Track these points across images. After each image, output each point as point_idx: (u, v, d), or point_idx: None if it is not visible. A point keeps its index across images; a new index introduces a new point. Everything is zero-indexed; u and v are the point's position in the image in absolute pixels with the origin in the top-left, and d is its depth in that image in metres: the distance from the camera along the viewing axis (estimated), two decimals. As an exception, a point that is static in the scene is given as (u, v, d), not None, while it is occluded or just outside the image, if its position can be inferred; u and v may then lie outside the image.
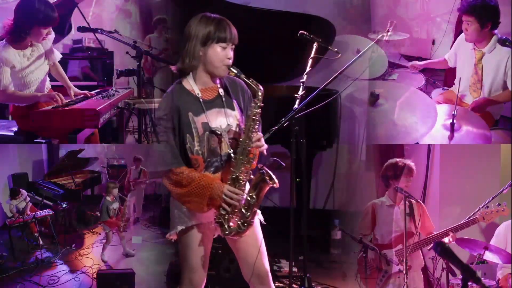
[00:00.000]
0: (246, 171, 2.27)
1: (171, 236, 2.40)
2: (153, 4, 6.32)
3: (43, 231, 4.99)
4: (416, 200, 3.43)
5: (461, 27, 3.59)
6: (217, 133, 2.27)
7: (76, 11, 4.21)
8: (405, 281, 3.25)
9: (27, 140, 3.27)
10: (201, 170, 2.28)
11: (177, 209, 2.37)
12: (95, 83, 4.78)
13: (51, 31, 3.20)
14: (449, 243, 3.33)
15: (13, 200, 4.84)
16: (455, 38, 4.00)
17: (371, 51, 4.07)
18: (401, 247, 3.39)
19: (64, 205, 5.11)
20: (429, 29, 5.40)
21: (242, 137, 2.27)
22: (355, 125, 4.17)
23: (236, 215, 2.27)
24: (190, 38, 2.24)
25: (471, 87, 3.55)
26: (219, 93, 2.33)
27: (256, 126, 2.26)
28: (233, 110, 2.34)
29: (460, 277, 2.80)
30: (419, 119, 3.07)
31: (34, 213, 4.77)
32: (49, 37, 3.29)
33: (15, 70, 3.10)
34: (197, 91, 2.29)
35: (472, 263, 3.40)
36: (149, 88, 4.87)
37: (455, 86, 3.73)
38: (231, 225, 2.27)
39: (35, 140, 3.26)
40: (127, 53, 4.03)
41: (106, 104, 3.19)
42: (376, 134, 3.07)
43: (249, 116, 2.26)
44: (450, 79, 4.20)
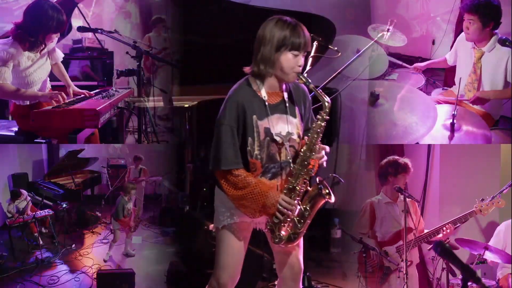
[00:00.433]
0: (303, 182, 2.26)
1: (213, 228, 2.42)
2: (153, 4, 6.32)
3: (43, 231, 5.00)
4: (412, 198, 3.44)
5: (461, 27, 3.59)
6: (277, 140, 2.24)
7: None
8: (405, 280, 3.25)
9: (27, 140, 3.26)
10: (258, 174, 2.26)
11: (221, 204, 2.37)
12: (95, 83, 4.78)
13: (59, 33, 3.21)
14: (447, 234, 3.35)
15: (13, 201, 4.84)
16: (455, 38, 4.01)
17: (371, 50, 4.07)
18: (401, 243, 3.40)
19: (64, 205, 5.12)
20: (429, 29, 5.40)
21: (303, 148, 2.25)
22: (355, 125, 4.17)
23: (288, 224, 2.27)
24: (265, 42, 2.20)
25: (467, 87, 3.55)
26: (283, 98, 2.29)
27: (319, 139, 2.25)
28: (294, 117, 2.30)
29: (460, 277, 2.80)
30: (419, 119, 3.06)
31: (34, 213, 4.78)
32: (55, 53, 3.34)
33: (19, 69, 3.11)
34: (264, 94, 2.25)
35: (472, 263, 3.41)
36: (149, 87, 4.88)
37: (455, 86, 3.73)
38: (283, 233, 2.27)
39: (35, 140, 3.25)
40: (127, 53, 4.02)
41: (106, 104, 3.18)
42: (376, 134, 3.06)
43: (314, 128, 2.24)
44: (450, 79, 4.20)
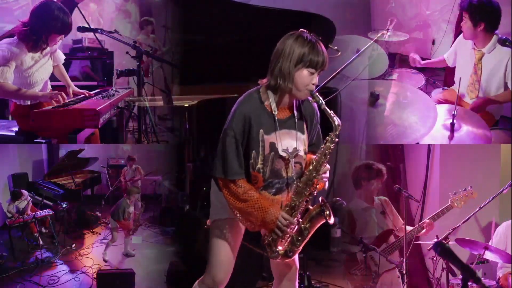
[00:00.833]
0: (305, 201, 2.26)
1: (208, 222, 2.44)
2: (153, 4, 6.33)
3: (43, 231, 5.00)
4: (412, 198, 3.46)
5: (461, 28, 3.59)
6: (283, 156, 2.23)
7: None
8: (405, 280, 3.25)
9: (27, 140, 3.26)
10: (259, 187, 2.26)
11: (217, 200, 2.38)
12: (95, 83, 4.78)
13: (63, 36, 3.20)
14: (429, 230, 3.37)
15: (14, 201, 4.84)
16: (455, 38, 4.00)
17: (371, 50, 4.07)
18: (385, 246, 3.45)
19: (64, 205, 5.11)
20: (429, 29, 5.40)
21: (309, 167, 2.25)
22: (355, 124, 4.17)
23: (285, 240, 2.28)
24: (284, 56, 2.18)
25: (469, 87, 3.55)
26: (293, 113, 2.28)
27: (326, 161, 2.24)
28: (303, 133, 2.29)
29: (460, 277, 2.80)
30: (419, 119, 3.06)
31: (34, 213, 4.78)
32: (57, 56, 3.36)
33: (22, 68, 3.11)
34: (274, 108, 2.22)
35: (472, 263, 3.41)
36: (149, 87, 4.88)
37: (455, 85, 3.73)
38: (279, 249, 2.28)
39: (35, 140, 3.25)
40: (127, 53, 4.02)
41: (106, 104, 3.18)
42: (376, 134, 3.06)
43: (322, 149, 2.23)
44: (450, 79, 4.20)
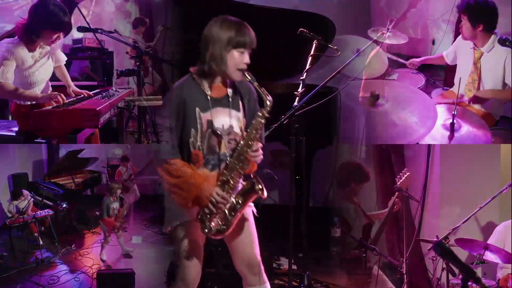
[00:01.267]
0: (238, 176, 2.29)
1: (166, 229, 2.43)
2: (153, 3, 6.33)
3: (43, 231, 4.99)
4: (412, 198, 3.47)
5: (460, 28, 3.59)
6: (217, 133, 2.30)
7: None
8: (405, 280, 3.26)
9: (27, 140, 3.27)
10: (200, 165, 2.30)
11: (171, 205, 2.39)
12: (95, 83, 4.78)
13: (61, 35, 3.18)
14: (399, 207, 3.39)
15: (14, 200, 4.84)
16: (455, 38, 4.01)
17: (371, 50, 4.07)
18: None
19: (64, 205, 5.11)
20: (429, 29, 5.40)
21: (241, 142, 2.29)
22: (355, 124, 4.17)
23: (219, 216, 2.30)
24: (213, 41, 2.25)
25: (467, 86, 3.55)
26: (227, 93, 2.35)
27: (257, 136, 2.28)
28: (238, 111, 2.36)
29: (460, 277, 2.80)
30: (419, 119, 3.06)
31: (34, 213, 4.77)
32: (59, 41, 3.30)
33: (23, 68, 3.12)
34: (207, 88, 2.31)
35: (472, 263, 3.41)
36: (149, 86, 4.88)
37: (455, 85, 3.73)
38: (212, 225, 2.30)
39: (35, 140, 3.26)
40: (127, 53, 4.03)
41: (106, 104, 3.19)
42: (376, 134, 3.07)
43: (253, 124, 2.27)
44: (450, 79, 4.20)
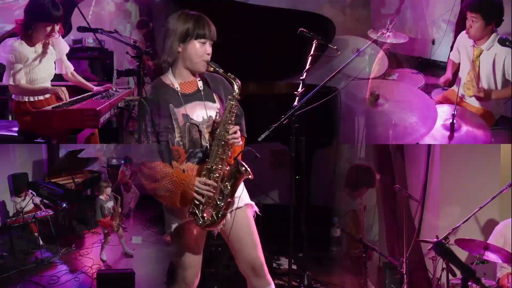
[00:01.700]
0: (221, 163, 2.30)
1: (167, 237, 2.43)
2: (153, 3, 6.32)
3: (43, 231, 4.99)
4: (412, 198, 3.47)
5: (460, 27, 3.59)
6: (196, 124, 2.32)
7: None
8: (405, 280, 3.26)
9: (27, 140, 3.27)
10: (183, 161, 2.32)
11: (167, 211, 2.41)
12: (95, 83, 4.77)
13: (56, 33, 3.24)
14: None
15: (17, 197, 4.85)
16: (455, 38, 3.99)
17: (370, 49, 4.07)
18: None
19: (64, 205, 5.11)
20: (429, 29, 5.40)
21: (218, 129, 2.31)
22: (355, 124, 4.18)
23: (210, 206, 2.29)
24: (168, 34, 2.30)
25: (466, 85, 3.55)
26: (198, 87, 2.38)
27: (232, 118, 2.30)
28: (213, 102, 2.40)
29: (460, 277, 2.80)
30: (419, 119, 3.06)
31: (34, 213, 4.77)
32: (62, 48, 3.41)
33: (26, 64, 3.18)
34: (176, 85, 2.35)
35: (472, 263, 3.41)
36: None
37: (455, 85, 3.72)
38: (205, 216, 2.29)
39: (35, 140, 3.26)
40: (127, 53, 4.02)
41: (106, 104, 3.19)
42: (376, 134, 3.07)
43: (226, 108, 2.31)
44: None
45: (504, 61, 3.38)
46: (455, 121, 3.12)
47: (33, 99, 3.26)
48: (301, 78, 2.94)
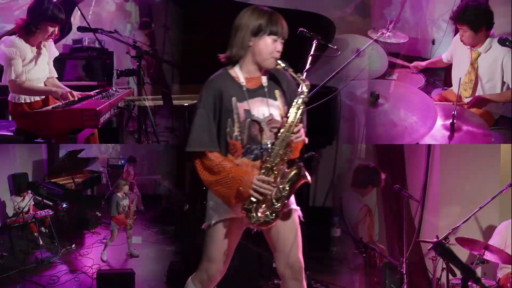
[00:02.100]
0: (282, 163, 2.27)
1: (205, 226, 2.42)
2: (153, 3, 6.32)
3: (43, 231, 5.00)
4: (412, 198, 3.46)
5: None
6: (257, 122, 2.28)
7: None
8: (405, 280, 3.26)
9: (27, 140, 3.27)
10: (238, 155, 2.29)
11: (212, 200, 2.38)
12: (95, 83, 4.78)
13: (56, 30, 3.24)
14: None
15: (17, 197, 4.85)
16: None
17: (370, 49, 4.07)
18: None
19: (64, 205, 5.11)
20: (429, 29, 5.39)
21: (282, 129, 2.27)
22: (355, 124, 4.18)
23: (266, 205, 2.26)
24: (240, 28, 2.27)
25: (463, 86, 3.55)
26: (262, 83, 2.34)
27: (299, 119, 2.27)
28: (275, 100, 2.35)
29: (460, 277, 2.80)
30: (419, 119, 3.06)
31: (34, 213, 4.78)
32: (53, 51, 3.39)
33: (24, 63, 3.16)
34: (241, 79, 2.31)
35: (472, 263, 3.41)
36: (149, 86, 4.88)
37: (454, 85, 3.72)
38: (259, 214, 2.26)
39: (35, 140, 3.26)
40: (127, 53, 4.03)
41: (106, 104, 3.19)
42: (376, 134, 3.06)
43: (292, 108, 2.27)
44: (450, 79, 4.19)
45: (502, 64, 3.37)
46: (455, 121, 3.11)
47: (29, 100, 3.25)
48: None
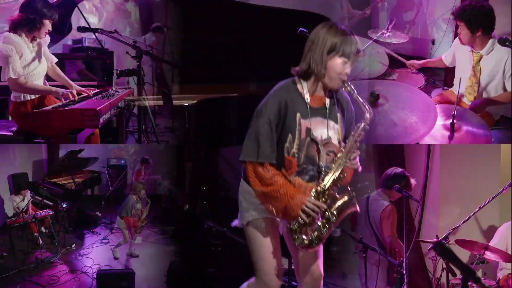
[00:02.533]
0: (334, 188, 2.25)
1: (235, 224, 2.41)
2: (153, 3, 6.33)
3: (43, 231, 5.00)
4: (412, 198, 3.46)
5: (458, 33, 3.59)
6: (316, 142, 2.25)
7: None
8: (405, 280, 3.25)
9: (27, 140, 3.27)
10: (292, 173, 2.25)
11: (245, 201, 2.36)
12: (95, 83, 4.78)
13: (50, 26, 3.25)
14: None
15: (16, 196, 4.86)
16: (454, 38, 4.00)
17: (371, 49, 4.07)
18: None
19: (64, 205, 5.11)
20: (429, 29, 5.40)
21: (340, 153, 2.25)
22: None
23: (311, 228, 2.25)
24: (318, 44, 2.21)
25: (467, 90, 3.55)
26: (325, 103, 2.30)
27: (357, 145, 2.25)
28: (336, 123, 2.31)
29: (460, 277, 2.80)
30: (419, 119, 3.05)
31: (34, 213, 4.78)
32: (46, 39, 3.36)
33: (22, 59, 3.15)
34: (307, 95, 2.26)
35: (472, 263, 3.41)
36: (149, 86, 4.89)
37: (455, 86, 3.72)
38: (304, 237, 2.25)
39: (35, 140, 3.26)
40: (127, 53, 4.02)
41: (106, 104, 3.18)
42: (376, 134, 3.05)
43: (353, 136, 2.25)
44: (449, 79, 4.20)
45: (505, 65, 3.37)
46: (455, 121, 3.11)
47: (29, 98, 3.25)
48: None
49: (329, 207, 2.23)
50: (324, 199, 2.23)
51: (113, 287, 3.79)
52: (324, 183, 2.23)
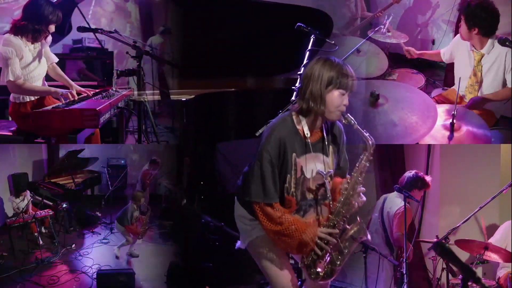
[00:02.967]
0: (343, 221, 2.26)
1: (239, 246, 2.45)
2: (153, 3, 6.33)
3: (43, 231, 5.00)
4: (412, 198, 3.46)
5: (459, 27, 3.59)
6: (308, 178, 2.27)
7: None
8: (405, 280, 3.25)
9: (27, 140, 3.27)
10: (291, 211, 2.27)
11: (242, 224, 2.39)
12: (95, 83, 4.78)
13: (49, 36, 3.27)
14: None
15: (16, 198, 4.85)
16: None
17: (367, 45, 4.07)
18: None
19: (64, 205, 5.11)
20: (429, 29, 5.40)
21: (347, 187, 2.26)
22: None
23: (325, 260, 2.26)
24: (314, 79, 2.20)
25: (468, 89, 3.55)
26: (323, 136, 2.31)
27: (362, 178, 2.25)
28: (327, 156, 2.32)
29: (460, 277, 2.80)
30: (419, 119, 3.06)
31: (34, 213, 4.77)
32: (47, 39, 3.35)
33: (22, 61, 3.15)
34: (306, 131, 2.25)
35: (472, 263, 3.41)
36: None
37: (455, 86, 3.72)
38: (319, 270, 2.27)
39: (35, 140, 3.26)
40: (127, 53, 4.02)
41: (106, 104, 3.18)
42: (376, 134, 3.05)
43: (358, 168, 2.25)
44: (449, 78, 4.20)
45: (505, 62, 3.37)
46: (455, 121, 3.11)
47: (29, 99, 3.25)
48: (299, 73, 2.94)
49: (341, 239, 2.26)
50: (335, 232, 2.24)
51: (113, 287, 3.78)
52: (333, 217, 2.25)
